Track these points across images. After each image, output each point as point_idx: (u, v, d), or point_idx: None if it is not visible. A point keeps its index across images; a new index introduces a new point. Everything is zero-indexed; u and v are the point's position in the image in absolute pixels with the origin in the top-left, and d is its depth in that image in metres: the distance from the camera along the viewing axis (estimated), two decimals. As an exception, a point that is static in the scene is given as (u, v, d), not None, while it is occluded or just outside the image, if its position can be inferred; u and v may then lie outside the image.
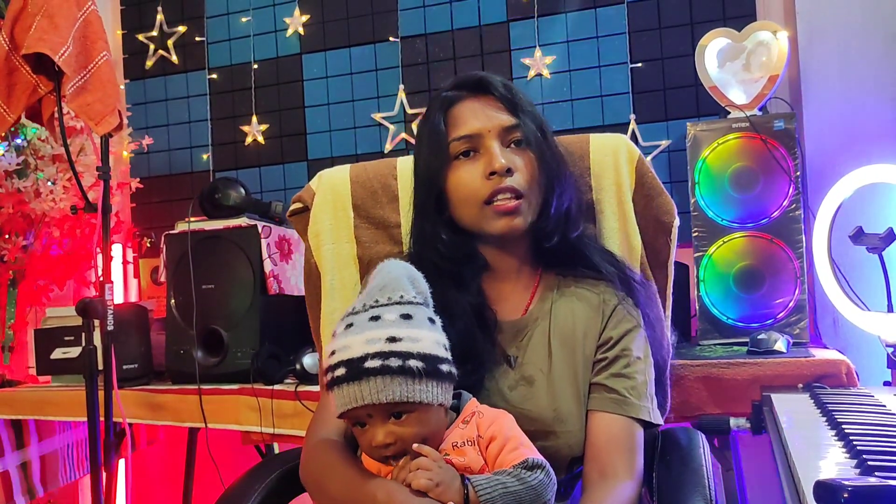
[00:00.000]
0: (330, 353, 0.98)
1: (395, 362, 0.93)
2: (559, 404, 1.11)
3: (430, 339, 0.98)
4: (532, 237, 1.17)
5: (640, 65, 2.30)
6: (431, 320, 1.00)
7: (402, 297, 0.99)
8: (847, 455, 0.87)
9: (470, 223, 1.15)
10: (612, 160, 1.34)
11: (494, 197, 1.11)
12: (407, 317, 0.97)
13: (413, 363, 0.94)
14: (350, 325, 0.98)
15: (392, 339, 0.94)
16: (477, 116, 1.14)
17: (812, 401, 1.23)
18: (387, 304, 0.98)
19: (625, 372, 1.12)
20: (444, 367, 0.97)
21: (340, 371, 0.95)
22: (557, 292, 1.19)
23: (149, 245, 2.64)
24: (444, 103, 1.17)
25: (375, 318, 0.97)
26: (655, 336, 1.21)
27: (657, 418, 1.13)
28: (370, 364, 0.93)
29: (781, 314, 1.79)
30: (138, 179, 2.65)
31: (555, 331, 1.16)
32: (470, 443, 0.99)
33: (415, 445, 0.95)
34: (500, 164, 1.10)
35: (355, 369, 0.94)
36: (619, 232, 1.34)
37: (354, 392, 0.94)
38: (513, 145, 1.14)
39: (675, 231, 1.34)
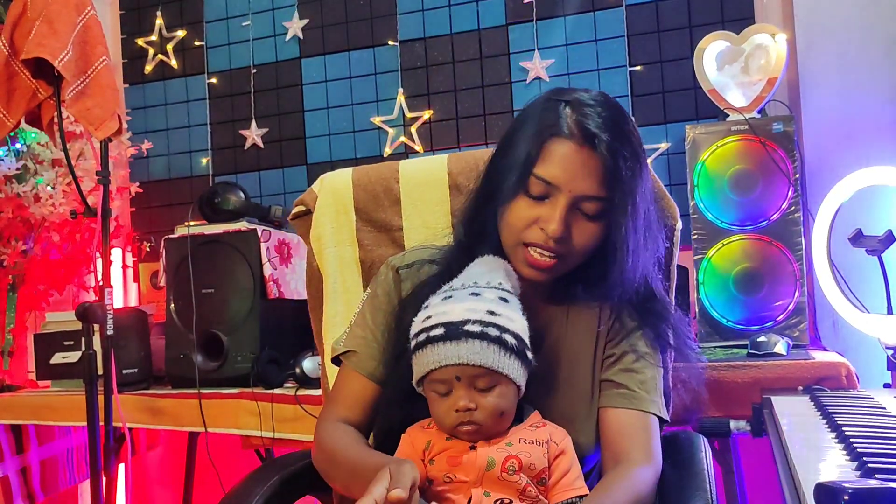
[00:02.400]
0: (424, 317, 1.02)
1: (493, 331, 0.98)
2: (565, 406, 1.10)
3: (522, 324, 1.02)
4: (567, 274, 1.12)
5: (638, 68, 2.31)
6: (522, 312, 1.04)
7: (500, 284, 1.04)
8: (847, 457, 0.87)
9: (506, 248, 1.10)
10: (614, 164, 1.33)
11: (532, 245, 1.05)
12: (504, 300, 1.02)
13: (508, 337, 0.99)
14: (449, 297, 1.03)
15: (491, 313, 0.99)
16: (566, 168, 1.03)
17: (812, 403, 1.23)
18: (486, 287, 1.03)
19: (633, 367, 1.12)
20: (529, 354, 1.02)
21: (438, 331, 0.99)
22: (569, 303, 1.18)
23: (148, 249, 2.64)
24: (550, 129, 1.06)
25: (476, 294, 1.02)
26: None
27: (665, 414, 1.12)
28: (471, 328, 0.97)
29: (781, 317, 1.79)
30: (138, 184, 2.64)
31: (565, 338, 1.16)
32: (538, 443, 1.00)
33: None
34: (554, 229, 1.03)
35: (455, 330, 0.98)
36: (622, 235, 1.33)
37: (451, 350, 0.97)
38: (584, 214, 1.06)
39: (677, 234, 1.34)
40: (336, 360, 1.20)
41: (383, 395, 1.16)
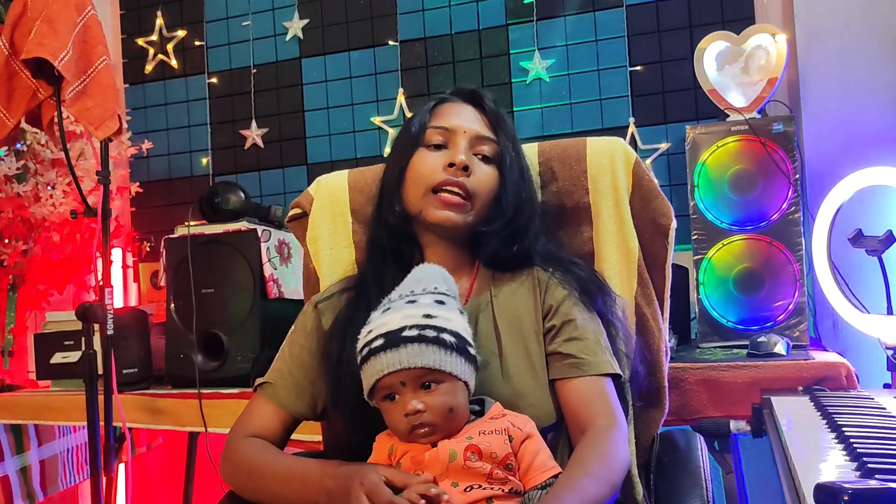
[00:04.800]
0: (366, 332, 1.04)
1: (430, 333, 1.00)
2: (515, 381, 1.12)
3: (460, 322, 1.05)
4: (473, 237, 1.21)
5: (639, 68, 2.31)
6: (461, 311, 1.08)
7: (435, 288, 1.07)
8: (847, 458, 0.87)
9: (414, 207, 1.19)
10: (609, 163, 1.35)
11: (443, 187, 1.16)
12: (440, 303, 1.05)
13: (447, 336, 1.01)
14: (387, 309, 1.06)
15: (428, 316, 1.02)
16: (459, 116, 1.22)
17: (812, 403, 1.23)
18: (422, 294, 1.06)
19: (575, 335, 1.14)
20: (472, 350, 1.04)
21: (378, 342, 1.01)
22: (494, 281, 1.22)
23: (148, 249, 2.65)
24: (435, 100, 1.26)
25: (412, 302, 1.05)
26: (622, 349, 1.22)
27: (618, 368, 1.14)
28: (408, 333, 1.00)
29: (781, 317, 1.79)
30: (138, 184, 2.65)
31: (499, 314, 1.18)
32: (498, 432, 1.01)
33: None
34: (460, 159, 1.16)
35: (393, 338, 1.00)
36: (616, 235, 1.34)
37: (392, 358, 0.99)
38: (481, 156, 1.20)
39: (672, 233, 1.34)
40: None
41: (335, 422, 1.21)
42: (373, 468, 0.97)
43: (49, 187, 2.25)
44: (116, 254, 2.58)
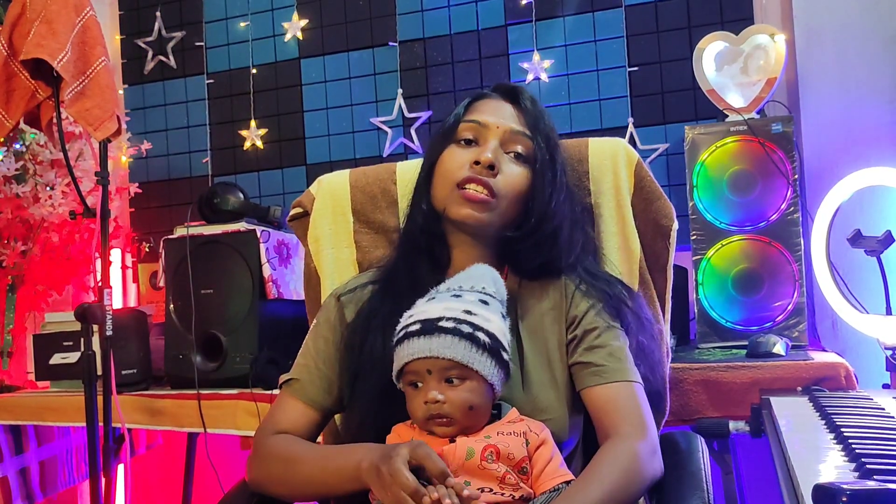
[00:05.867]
0: (407, 317, 1.06)
1: (466, 328, 1.01)
2: (535, 394, 1.12)
3: (499, 325, 1.04)
4: (501, 242, 1.19)
5: (637, 68, 2.31)
6: (504, 315, 1.07)
7: (483, 288, 1.07)
8: (846, 458, 0.87)
9: (440, 202, 1.17)
10: (611, 164, 1.35)
11: (467, 183, 1.13)
12: (484, 302, 1.05)
13: (481, 335, 1.01)
14: (432, 298, 1.07)
15: (468, 312, 1.02)
16: (494, 113, 1.18)
17: (811, 404, 1.23)
18: (469, 291, 1.07)
19: (597, 343, 1.13)
20: (504, 355, 1.04)
21: (415, 327, 1.02)
22: (521, 288, 1.21)
23: (147, 250, 2.64)
24: (473, 95, 1.23)
25: (457, 296, 1.05)
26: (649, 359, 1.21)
27: (638, 378, 1.13)
28: (444, 324, 1.01)
29: (780, 317, 1.79)
30: (137, 184, 2.64)
31: (523, 323, 1.17)
32: (515, 434, 1.02)
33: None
34: (487, 157, 1.12)
35: (430, 326, 1.01)
36: (618, 235, 1.34)
37: (424, 344, 1.01)
38: (513, 154, 1.16)
39: (673, 235, 1.34)
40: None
41: (351, 414, 1.19)
42: (407, 446, 0.95)
43: (48, 188, 2.25)
44: (115, 254, 2.58)
